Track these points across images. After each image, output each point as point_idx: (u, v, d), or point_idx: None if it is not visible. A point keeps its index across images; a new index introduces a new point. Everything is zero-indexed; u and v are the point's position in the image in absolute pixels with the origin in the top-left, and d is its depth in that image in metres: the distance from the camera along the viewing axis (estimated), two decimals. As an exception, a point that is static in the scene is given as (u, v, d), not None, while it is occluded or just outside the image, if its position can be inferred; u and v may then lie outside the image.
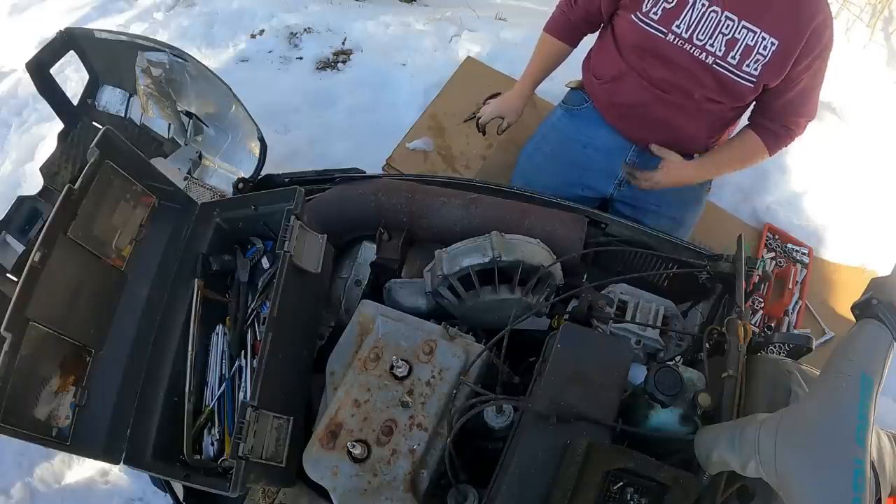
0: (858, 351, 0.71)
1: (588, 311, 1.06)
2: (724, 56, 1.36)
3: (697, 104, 1.45)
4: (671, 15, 1.36)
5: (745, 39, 1.33)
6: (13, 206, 1.57)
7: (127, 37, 1.58)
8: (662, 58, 1.42)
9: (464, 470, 0.94)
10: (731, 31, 1.34)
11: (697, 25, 1.35)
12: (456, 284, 1.10)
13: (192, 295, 1.20)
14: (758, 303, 1.89)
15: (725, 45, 1.35)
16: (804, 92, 1.42)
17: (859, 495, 0.62)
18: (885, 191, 2.25)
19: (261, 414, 0.95)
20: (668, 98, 1.46)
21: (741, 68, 1.36)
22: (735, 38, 1.34)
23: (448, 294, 1.11)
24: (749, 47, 1.34)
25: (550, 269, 1.12)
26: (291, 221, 1.10)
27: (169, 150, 1.68)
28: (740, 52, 1.35)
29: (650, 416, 0.89)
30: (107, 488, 1.87)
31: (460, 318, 1.18)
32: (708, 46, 1.36)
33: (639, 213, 1.63)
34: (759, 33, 1.32)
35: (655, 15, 1.37)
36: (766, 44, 1.33)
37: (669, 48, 1.39)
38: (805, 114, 1.47)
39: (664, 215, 1.62)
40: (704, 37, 1.35)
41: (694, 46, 1.37)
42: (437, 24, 2.76)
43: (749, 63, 1.35)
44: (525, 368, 1.09)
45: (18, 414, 0.96)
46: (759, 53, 1.34)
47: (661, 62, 1.43)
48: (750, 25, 1.32)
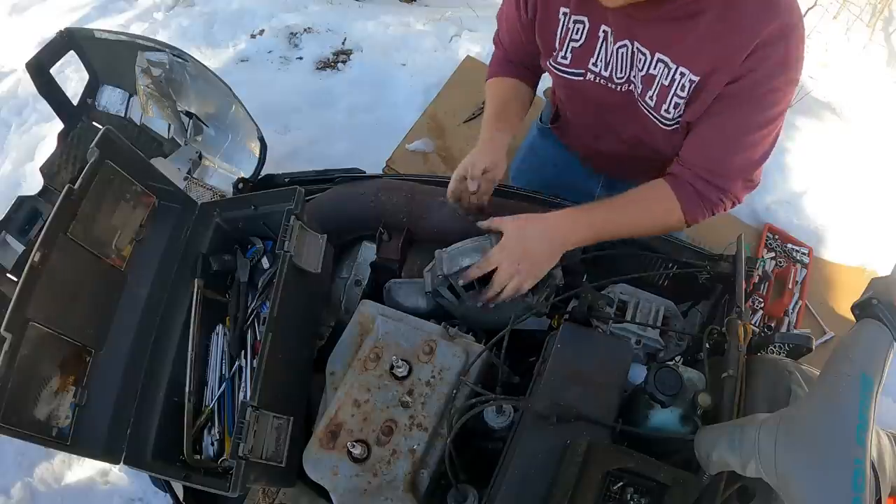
0: (858, 351, 0.71)
1: (588, 311, 1.06)
2: (643, 94, 1.09)
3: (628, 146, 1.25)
4: (583, 55, 1.12)
5: (660, 77, 1.04)
6: (13, 206, 1.57)
7: (127, 37, 1.58)
8: (589, 100, 1.20)
9: (464, 470, 0.94)
10: (644, 65, 1.05)
11: (613, 63, 1.10)
12: (456, 284, 1.10)
13: (192, 295, 1.20)
14: (758, 303, 1.89)
15: (643, 83, 1.08)
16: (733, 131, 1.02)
17: (859, 495, 0.62)
18: (885, 191, 2.25)
19: (261, 414, 0.95)
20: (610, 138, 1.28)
21: (660, 111, 1.07)
22: (650, 74, 1.05)
23: (448, 294, 1.12)
24: (664, 87, 1.04)
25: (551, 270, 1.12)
26: (291, 221, 1.10)
27: (169, 150, 1.68)
28: (657, 92, 1.05)
29: (650, 416, 0.89)
30: (107, 488, 1.88)
31: (460, 319, 1.18)
32: (632, 78, 1.11)
33: None
34: (676, 69, 1.01)
35: (566, 59, 1.14)
36: (684, 82, 1.01)
37: (592, 89, 1.15)
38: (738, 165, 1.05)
39: None
40: (624, 73, 1.10)
41: (618, 83, 1.13)
42: (437, 24, 2.77)
43: (667, 107, 1.05)
44: (525, 368, 1.09)
45: (18, 414, 0.96)
46: (677, 95, 1.03)
47: (590, 104, 1.22)
48: (664, 58, 1.02)
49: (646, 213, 1.13)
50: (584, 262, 1.20)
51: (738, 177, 1.08)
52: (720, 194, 1.09)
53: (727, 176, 1.07)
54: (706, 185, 1.08)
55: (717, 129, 1.04)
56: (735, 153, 1.04)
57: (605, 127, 1.28)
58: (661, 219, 1.13)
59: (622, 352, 0.96)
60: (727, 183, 1.08)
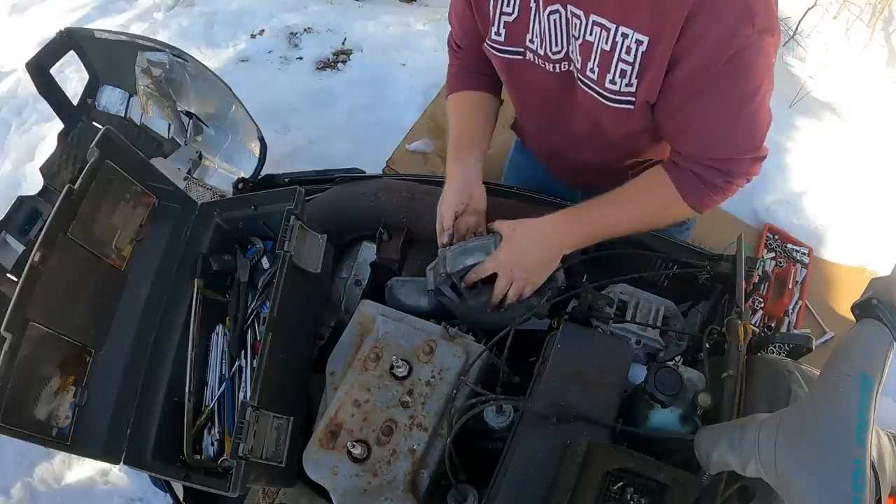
0: (858, 351, 0.71)
1: (588, 311, 1.06)
2: (582, 68, 0.95)
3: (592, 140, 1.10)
4: (518, 30, 0.99)
5: (598, 42, 0.89)
6: (13, 206, 1.57)
7: (127, 37, 1.58)
8: (531, 83, 1.06)
9: (464, 470, 0.94)
10: (580, 31, 0.91)
11: (547, 35, 0.95)
12: (458, 283, 1.10)
13: (192, 295, 1.20)
14: (758, 303, 1.89)
15: (581, 53, 0.93)
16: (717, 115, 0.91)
17: (859, 495, 0.62)
18: (885, 191, 2.25)
19: (261, 414, 0.95)
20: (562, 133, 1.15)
21: (604, 85, 0.93)
22: (587, 40, 0.91)
23: (450, 293, 1.11)
24: (605, 53, 0.90)
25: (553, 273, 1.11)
26: (291, 221, 1.10)
27: (169, 150, 1.68)
28: (597, 61, 0.91)
29: (650, 416, 0.89)
30: (107, 488, 1.88)
31: (461, 318, 1.18)
32: (570, 54, 0.96)
33: None
34: (616, 29, 0.87)
35: (500, 36, 1.01)
36: (630, 43, 0.87)
37: (532, 70, 1.02)
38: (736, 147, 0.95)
39: None
40: (560, 45, 0.96)
41: (555, 63, 0.99)
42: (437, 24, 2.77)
43: (612, 76, 0.91)
44: (525, 368, 1.09)
45: (18, 414, 0.96)
46: (623, 61, 0.89)
47: (533, 90, 1.08)
48: (600, 19, 0.87)
49: (645, 206, 1.04)
50: (584, 263, 1.20)
51: (744, 154, 0.96)
52: (726, 177, 0.98)
53: (731, 158, 0.96)
54: (708, 169, 0.97)
55: (701, 115, 0.91)
56: (732, 132, 0.93)
57: (554, 119, 1.14)
58: (663, 210, 1.04)
59: (622, 352, 0.96)
60: (733, 164, 0.96)
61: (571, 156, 1.22)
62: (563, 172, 1.37)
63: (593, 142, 1.12)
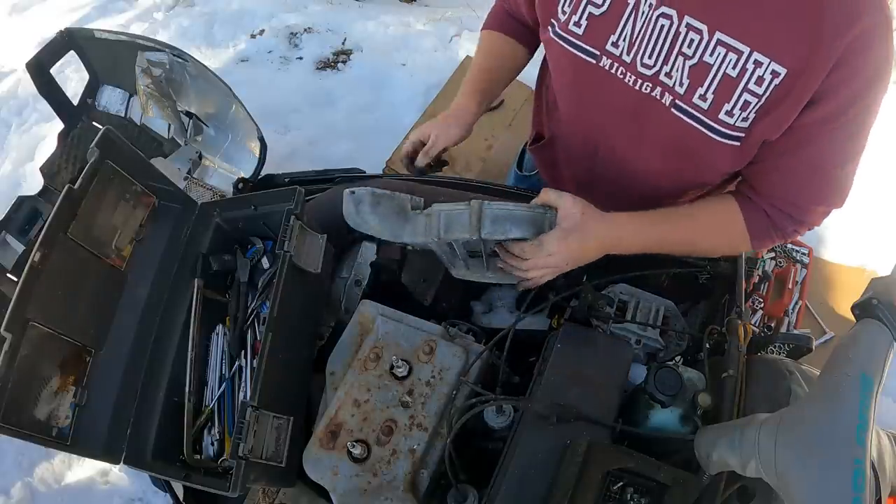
0: (858, 351, 0.71)
1: (588, 311, 1.06)
2: (687, 94, 0.80)
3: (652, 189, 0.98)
4: (603, 26, 0.84)
5: (722, 66, 0.76)
6: (13, 206, 1.58)
7: (127, 37, 1.58)
8: (599, 95, 0.91)
9: (464, 470, 0.94)
10: (696, 50, 0.78)
11: (641, 42, 0.81)
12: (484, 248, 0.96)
13: (192, 295, 1.20)
14: (758, 303, 1.89)
15: (689, 76, 0.79)
16: (821, 163, 0.82)
17: (859, 495, 0.62)
18: (885, 191, 2.25)
19: (261, 414, 0.95)
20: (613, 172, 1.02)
21: (717, 116, 0.79)
22: (704, 62, 0.77)
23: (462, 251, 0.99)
24: (729, 80, 0.77)
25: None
26: (291, 221, 1.10)
27: (169, 150, 1.68)
28: (714, 88, 0.78)
29: (650, 416, 0.89)
30: (107, 488, 1.88)
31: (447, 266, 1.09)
32: (663, 76, 0.82)
33: None
34: (749, 55, 0.74)
35: (579, 27, 0.87)
36: (763, 74, 0.74)
37: (606, 80, 0.88)
38: (821, 200, 0.87)
39: None
40: (655, 59, 0.82)
41: (640, 77, 0.84)
42: (437, 24, 2.77)
43: (731, 107, 0.78)
44: (525, 368, 1.09)
45: (18, 414, 0.96)
46: (749, 91, 0.76)
47: (599, 102, 0.93)
48: (730, 41, 0.75)
49: (710, 233, 0.95)
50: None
51: (827, 206, 0.89)
52: (796, 226, 0.91)
53: (811, 210, 0.89)
54: (783, 215, 0.90)
55: (809, 161, 0.82)
56: (828, 184, 0.85)
57: (609, 141, 0.99)
58: (725, 243, 0.97)
59: (622, 352, 0.96)
60: (809, 215, 0.90)
61: (608, 188, 1.06)
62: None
63: (651, 177, 0.98)
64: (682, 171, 0.95)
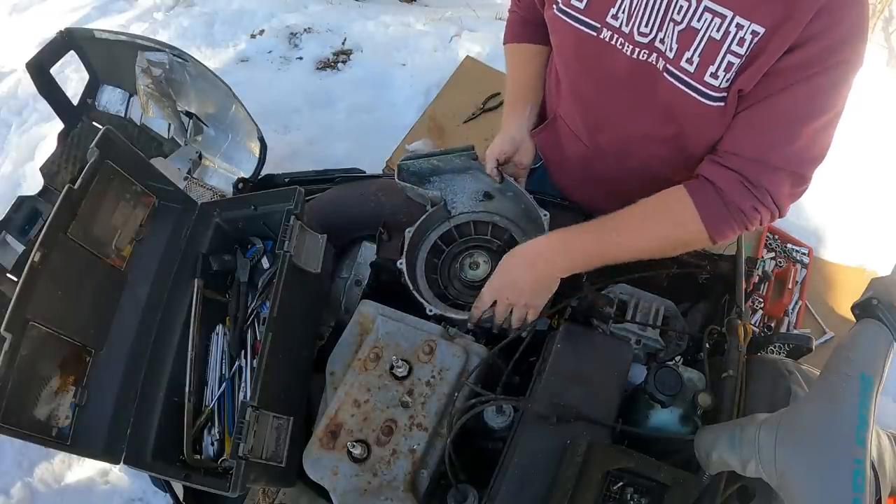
0: (858, 351, 0.71)
1: (588, 311, 1.06)
2: (676, 58, 0.86)
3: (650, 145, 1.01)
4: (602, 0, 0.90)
5: (707, 30, 0.82)
6: (13, 206, 1.58)
7: (127, 37, 1.58)
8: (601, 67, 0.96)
9: (464, 470, 0.94)
10: (685, 16, 0.83)
11: (639, 13, 0.87)
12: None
13: (192, 295, 1.20)
14: (758, 303, 1.89)
15: (678, 41, 0.85)
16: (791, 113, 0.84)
17: (859, 495, 0.62)
18: (885, 191, 2.25)
19: (261, 414, 0.95)
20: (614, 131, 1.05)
21: (702, 78, 0.84)
22: (692, 27, 0.83)
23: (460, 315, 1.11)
24: (713, 43, 0.82)
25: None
26: (291, 221, 1.10)
27: (169, 150, 1.68)
28: (700, 51, 0.83)
29: (650, 416, 0.89)
30: (107, 488, 1.88)
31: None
32: (657, 42, 0.87)
33: None
34: (731, 19, 0.80)
35: (580, 2, 0.91)
36: (744, 35, 0.80)
37: (607, 52, 0.92)
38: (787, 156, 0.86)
39: None
40: (650, 27, 0.87)
41: (637, 46, 0.89)
42: (437, 24, 2.77)
43: (715, 69, 0.83)
44: (525, 368, 1.09)
45: (18, 414, 0.96)
46: (731, 52, 0.81)
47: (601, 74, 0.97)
48: (714, 6, 0.81)
49: (655, 227, 0.94)
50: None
51: (792, 167, 0.87)
52: (756, 202, 0.88)
53: (777, 170, 0.86)
54: (741, 188, 0.88)
55: (779, 108, 0.83)
56: (795, 140, 0.84)
57: (612, 114, 1.03)
58: (675, 233, 0.94)
59: (622, 352, 0.96)
60: (773, 182, 0.87)
61: (608, 165, 1.11)
62: (582, 188, 1.25)
63: (650, 147, 1.02)
64: (676, 137, 0.96)
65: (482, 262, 1.20)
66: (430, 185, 1.26)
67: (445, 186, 1.26)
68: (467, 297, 1.20)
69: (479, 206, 1.26)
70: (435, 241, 1.24)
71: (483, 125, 1.98)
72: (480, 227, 1.25)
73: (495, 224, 1.24)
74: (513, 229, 1.23)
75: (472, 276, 1.20)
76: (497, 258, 1.12)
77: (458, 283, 1.22)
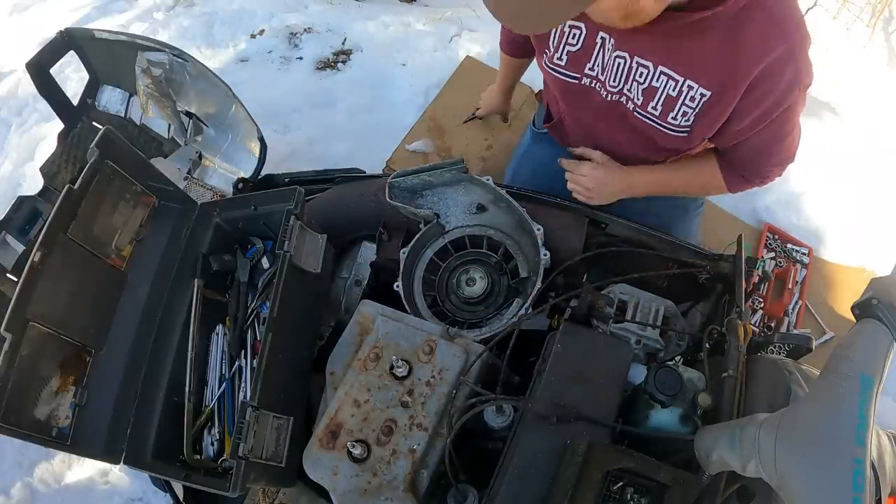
0: (858, 351, 0.71)
1: (588, 311, 1.06)
2: (643, 105, 1.09)
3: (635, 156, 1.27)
4: (579, 58, 1.12)
5: (665, 88, 1.05)
6: (13, 206, 1.57)
7: (127, 37, 1.58)
8: (585, 103, 1.21)
9: (464, 470, 0.94)
10: (646, 78, 1.05)
11: (609, 70, 1.10)
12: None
13: (192, 295, 1.20)
14: (758, 303, 1.89)
15: (643, 95, 1.08)
16: (763, 146, 1.13)
17: (859, 495, 0.62)
18: (884, 191, 2.25)
19: (261, 414, 0.95)
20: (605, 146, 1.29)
21: (666, 120, 1.09)
22: (653, 86, 1.06)
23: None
24: (671, 98, 1.05)
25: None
26: (291, 221, 1.10)
27: (169, 150, 1.68)
28: (661, 102, 1.07)
29: (650, 416, 0.89)
30: (107, 488, 1.88)
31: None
32: (626, 91, 1.11)
33: None
34: (683, 82, 1.02)
35: (561, 61, 1.14)
36: (694, 94, 1.03)
37: (588, 93, 1.17)
38: (775, 164, 1.19)
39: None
40: (617, 83, 1.10)
41: (609, 92, 1.13)
42: (437, 24, 2.76)
43: (675, 115, 1.07)
44: (525, 368, 1.09)
45: (18, 414, 0.96)
46: (686, 105, 1.05)
47: (586, 107, 1.23)
48: (670, 72, 1.02)
49: (697, 182, 1.28)
50: (584, 262, 1.20)
51: (781, 166, 1.21)
52: (763, 179, 1.24)
53: (768, 170, 1.21)
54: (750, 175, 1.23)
55: (750, 147, 1.13)
56: (774, 155, 1.17)
57: (602, 133, 1.28)
58: (707, 189, 1.31)
59: (622, 352, 0.96)
60: (767, 174, 1.23)
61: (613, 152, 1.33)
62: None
63: (632, 152, 1.27)
64: (652, 150, 1.23)
65: (478, 279, 1.22)
66: (422, 199, 1.26)
67: (438, 200, 1.26)
68: (465, 314, 1.21)
69: (473, 218, 1.26)
70: (431, 258, 1.24)
71: (483, 125, 1.98)
72: (475, 242, 1.26)
73: (490, 238, 1.25)
74: (508, 243, 1.24)
75: (469, 292, 1.21)
76: (493, 273, 1.23)
77: (455, 298, 1.23)
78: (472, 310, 1.23)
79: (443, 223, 1.25)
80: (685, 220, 1.52)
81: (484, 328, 1.17)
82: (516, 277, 1.23)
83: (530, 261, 1.22)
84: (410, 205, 1.23)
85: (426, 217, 1.24)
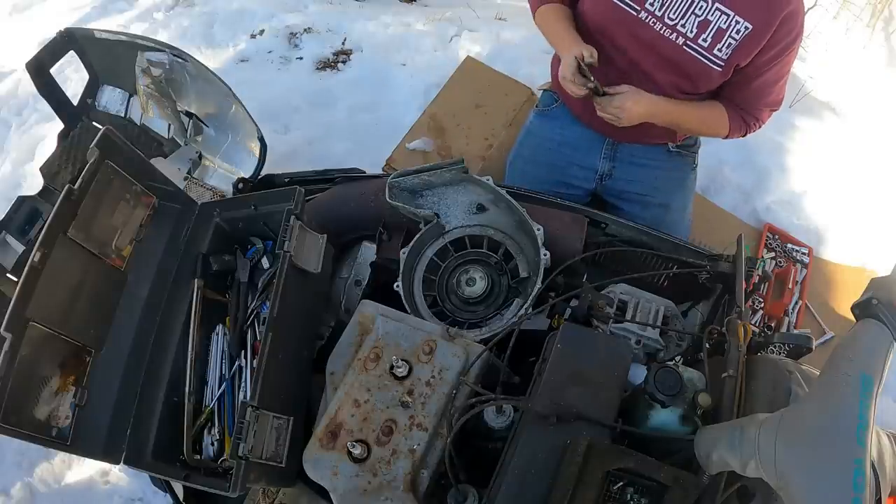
0: (858, 351, 0.71)
1: (588, 311, 1.06)
2: (695, 37, 1.34)
3: (663, 91, 1.42)
4: None
5: (717, 22, 1.31)
6: (13, 206, 1.57)
7: (127, 37, 1.58)
8: (631, 38, 1.38)
9: (464, 470, 0.94)
10: (704, 12, 1.31)
11: (671, 4, 1.33)
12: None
13: (192, 295, 1.20)
14: (758, 303, 1.89)
15: (698, 27, 1.33)
16: (770, 82, 1.41)
17: (859, 495, 0.62)
18: (885, 191, 2.25)
19: (261, 414, 0.95)
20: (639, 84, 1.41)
21: (712, 51, 1.34)
22: (708, 19, 1.31)
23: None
24: (721, 30, 1.31)
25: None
26: (291, 221, 1.10)
27: (169, 150, 1.68)
28: (712, 34, 1.32)
29: (650, 416, 0.89)
30: (107, 488, 1.88)
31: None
32: (679, 27, 1.34)
33: (624, 204, 1.66)
34: (733, 16, 1.30)
35: None
36: (740, 27, 1.30)
37: (640, 27, 1.35)
38: (770, 104, 1.47)
39: (651, 203, 1.63)
40: (676, 16, 1.33)
41: (665, 26, 1.34)
42: (437, 24, 2.76)
43: (721, 47, 1.33)
44: (525, 368, 1.09)
45: (18, 414, 0.96)
46: (731, 37, 1.31)
47: (629, 43, 1.39)
48: (724, 8, 1.30)
49: (705, 122, 1.49)
50: (584, 262, 1.20)
51: (773, 108, 1.49)
52: (754, 122, 1.49)
53: (763, 114, 1.49)
54: (750, 117, 1.48)
55: (766, 78, 1.40)
56: (768, 96, 1.45)
57: (638, 67, 1.41)
58: (712, 129, 1.51)
59: (622, 352, 0.96)
60: (761, 115, 1.49)
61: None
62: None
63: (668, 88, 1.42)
64: (683, 87, 1.42)
65: (478, 279, 1.22)
66: (422, 199, 1.26)
67: (438, 200, 1.26)
68: (465, 314, 1.21)
69: (473, 218, 1.26)
70: (431, 258, 1.24)
71: (483, 125, 1.97)
72: (475, 242, 1.26)
73: (490, 238, 1.25)
74: (508, 243, 1.24)
75: (469, 292, 1.21)
76: (494, 273, 1.23)
77: (455, 298, 1.23)
78: (472, 310, 1.23)
79: (443, 223, 1.25)
80: (682, 192, 1.68)
81: (484, 328, 1.17)
82: (516, 277, 1.23)
83: (530, 261, 1.22)
84: (410, 205, 1.23)
85: (426, 217, 1.24)
